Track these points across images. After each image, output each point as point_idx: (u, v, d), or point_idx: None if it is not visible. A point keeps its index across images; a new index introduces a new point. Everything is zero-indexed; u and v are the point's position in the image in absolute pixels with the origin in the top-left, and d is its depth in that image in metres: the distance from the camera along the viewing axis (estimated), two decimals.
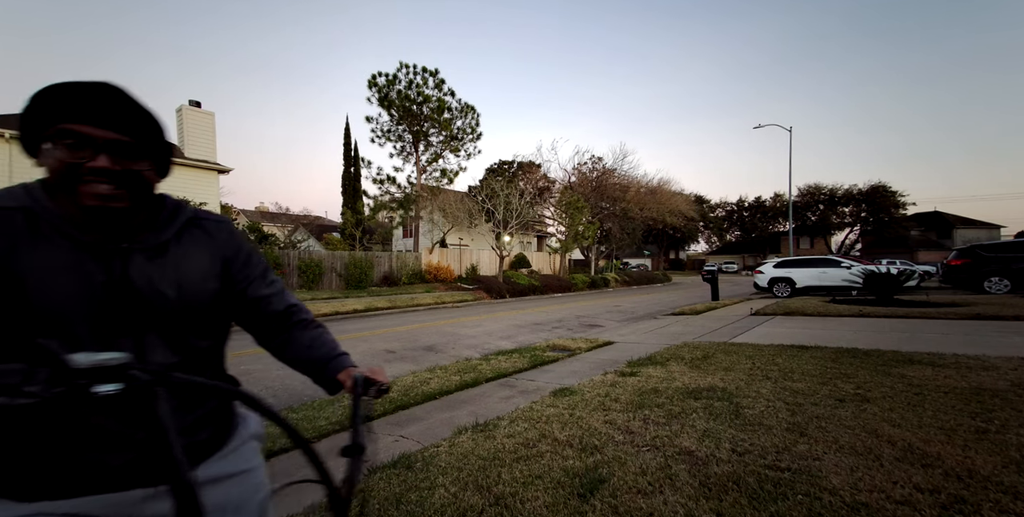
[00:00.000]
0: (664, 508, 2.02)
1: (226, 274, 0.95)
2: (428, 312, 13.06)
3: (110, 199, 0.76)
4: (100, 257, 0.78)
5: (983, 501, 2.00)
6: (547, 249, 30.99)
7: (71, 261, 0.76)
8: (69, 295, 0.74)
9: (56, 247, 0.76)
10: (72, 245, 0.77)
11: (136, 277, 0.81)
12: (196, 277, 0.89)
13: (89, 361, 0.48)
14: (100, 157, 0.75)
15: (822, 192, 52.65)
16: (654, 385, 4.08)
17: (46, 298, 0.72)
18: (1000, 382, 3.85)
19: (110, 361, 0.50)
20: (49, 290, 0.73)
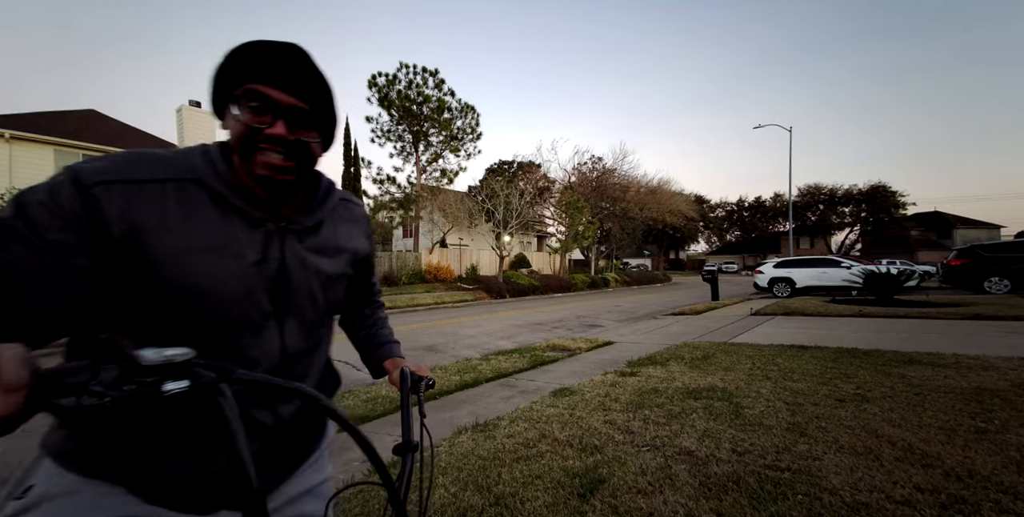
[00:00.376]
0: (664, 508, 2.02)
1: (358, 261, 0.93)
2: (428, 312, 13.06)
3: (279, 170, 0.72)
4: (264, 236, 0.74)
5: (983, 501, 2.00)
6: (547, 249, 30.99)
7: (238, 238, 0.72)
8: (231, 274, 0.70)
9: (226, 223, 0.71)
10: (242, 221, 0.72)
11: (290, 259, 0.77)
12: (340, 263, 0.87)
13: (158, 358, 0.45)
14: (278, 123, 0.71)
15: (822, 192, 52.66)
16: (654, 385, 4.08)
17: (208, 275, 0.68)
18: (1000, 382, 3.85)
19: (177, 357, 0.47)
20: (213, 267, 0.68)
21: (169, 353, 0.46)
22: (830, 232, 53.30)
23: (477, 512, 2.05)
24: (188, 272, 0.66)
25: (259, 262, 0.73)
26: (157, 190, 0.67)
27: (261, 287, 0.73)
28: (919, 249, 46.58)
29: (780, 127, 24.27)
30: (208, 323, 0.69)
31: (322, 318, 0.85)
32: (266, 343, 0.75)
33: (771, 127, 26.93)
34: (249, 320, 0.72)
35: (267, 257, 0.74)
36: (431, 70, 21.49)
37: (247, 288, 0.71)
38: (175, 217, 0.67)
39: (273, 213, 0.76)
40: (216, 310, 0.69)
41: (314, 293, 0.81)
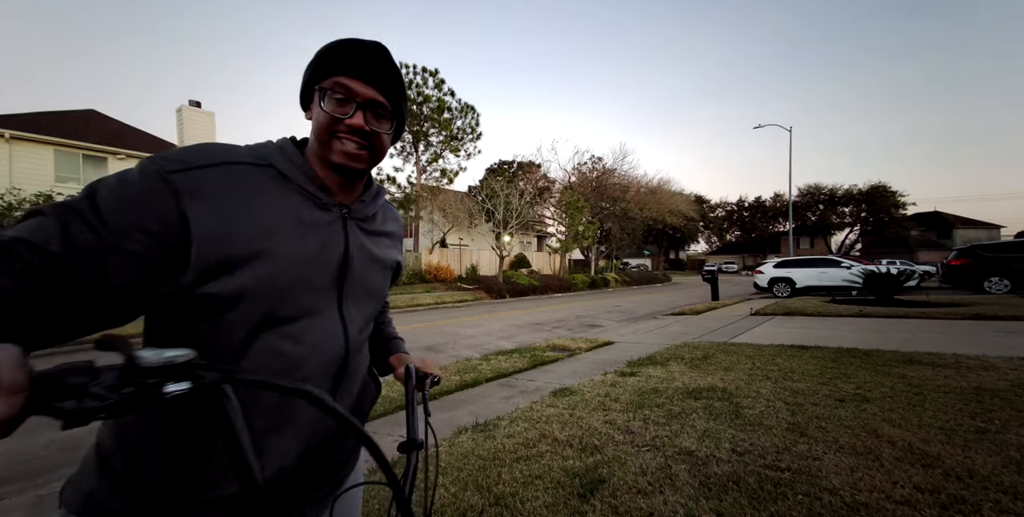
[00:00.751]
0: (664, 508, 2.02)
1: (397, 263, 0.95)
2: (428, 312, 13.06)
3: (354, 158, 0.76)
4: (331, 220, 0.77)
5: (983, 501, 2.00)
6: (547, 249, 31.00)
7: (306, 220, 0.73)
8: (297, 254, 0.71)
9: (296, 205, 0.73)
10: (312, 205, 0.75)
11: (353, 245, 0.79)
12: (392, 254, 0.90)
13: (158, 359, 0.44)
14: (357, 114, 0.75)
15: (822, 192, 52.68)
16: (654, 385, 4.08)
17: (275, 252, 0.68)
18: (1000, 382, 3.85)
19: (177, 358, 0.46)
20: (281, 244, 0.69)
21: (169, 354, 0.45)
22: (830, 232, 53.31)
23: (477, 512, 2.05)
24: (257, 248, 0.66)
25: (325, 245, 0.75)
26: (232, 171, 0.69)
27: (325, 270, 0.74)
28: (919, 249, 46.58)
29: (780, 127, 24.28)
30: (269, 304, 0.68)
31: (375, 311, 0.87)
32: (328, 330, 0.75)
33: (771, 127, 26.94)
34: (311, 303, 0.73)
35: (332, 240, 0.76)
36: (431, 70, 21.50)
37: (312, 269, 0.72)
38: (248, 195, 0.68)
39: (338, 201, 0.79)
40: (279, 290, 0.68)
41: (373, 281, 0.84)
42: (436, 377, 0.97)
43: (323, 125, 0.74)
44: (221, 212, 0.65)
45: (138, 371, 0.44)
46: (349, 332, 0.78)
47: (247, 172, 0.70)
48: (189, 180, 0.64)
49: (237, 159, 0.70)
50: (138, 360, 0.43)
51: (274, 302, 0.68)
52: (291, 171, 0.74)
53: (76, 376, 0.42)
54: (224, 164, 0.68)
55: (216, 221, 0.64)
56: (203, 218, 0.63)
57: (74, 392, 0.41)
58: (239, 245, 0.65)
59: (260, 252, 0.66)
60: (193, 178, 0.65)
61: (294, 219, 0.72)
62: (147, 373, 0.44)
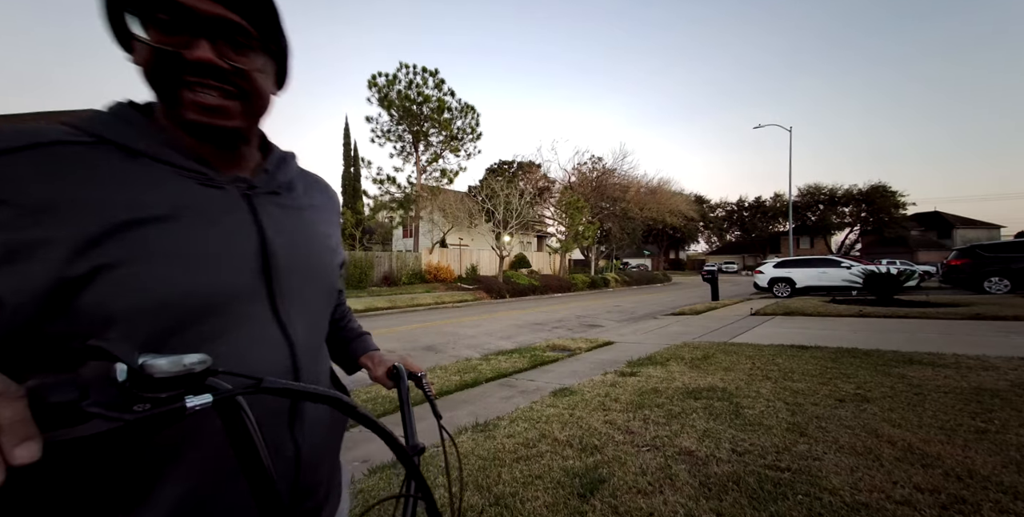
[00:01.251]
0: (664, 508, 2.02)
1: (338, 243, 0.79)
2: (428, 312, 13.06)
3: (216, 113, 0.55)
4: (225, 199, 0.58)
5: (983, 501, 2.00)
6: (547, 249, 31.00)
7: (201, 206, 0.55)
8: (205, 256, 0.53)
9: (165, 185, 0.53)
10: (186, 183, 0.55)
11: (269, 225, 0.61)
12: (329, 237, 0.73)
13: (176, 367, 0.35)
14: (199, 44, 0.52)
15: (822, 192, 52.67)
16: (654, 385, 4.08)
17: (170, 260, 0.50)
18: (1000, 382, 3.85)
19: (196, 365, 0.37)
20: (176, 247, 0.51)
21: (189, 361, 0.37)
22: (830, 232, 53.31)
23: (477, 512, 2.05)
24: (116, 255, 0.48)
25: (228, 233, 0.56)
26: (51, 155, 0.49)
27: (239, 266, 0.56)
28: (919, 249, 46.58)
29: (780, 127, 24.28)
30: (163, 324, 0.50)
31: (328, 304, 0.71)
32: (262, 339, 0.57)
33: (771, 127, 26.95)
34: (231, 310, 0.54)
35: (238, 226, 0.58)
36: (431, 70, 21.50)
37: (217, 268, 0.54)
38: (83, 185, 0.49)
39: (228, 174, 0.60)
40: (169, 305, 0.50)
41: (313, 268, 0.67)
42: (423, 374, 0.88)
43: (156, 68, 0.52)
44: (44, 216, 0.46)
45: (149, 383, 0.35)
46: (293, 337, 0.60)
47: (76, 154, 0.50)
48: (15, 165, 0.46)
49: (54, 137, 0.50)
50: (150, 369, 0.35)
51: (170, 321, 0.50)
52: (142, 143, 0.54)
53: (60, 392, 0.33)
54: (36, 146, 0.48)
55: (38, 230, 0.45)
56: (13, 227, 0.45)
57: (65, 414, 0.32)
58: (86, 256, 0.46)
59: (119, 261, 0.47)
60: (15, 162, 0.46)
61: (168, 205, 0.52)
62: (160, 385, 0.36)
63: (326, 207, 0.77)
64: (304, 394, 0.46)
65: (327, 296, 0.71)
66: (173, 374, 0.36)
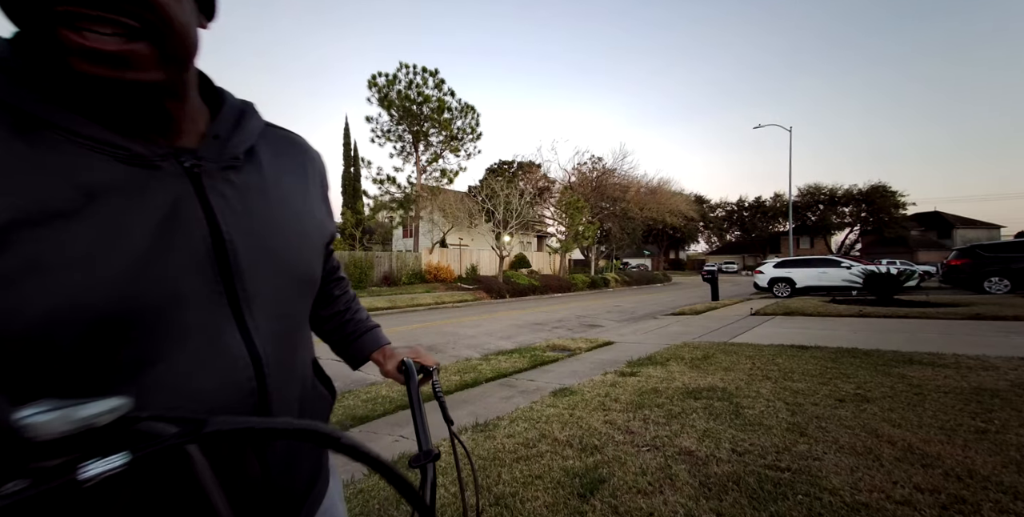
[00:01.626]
0: (664, 508, 2.02)
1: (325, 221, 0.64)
2: (428, 312, 13.06)
3: (120, 62, 0.40)
4: (160, 180, 0.45)
5: (983, 501, 2.00)
6: (547, 249, 31.00)
7: (122, 189, 0.42)
8: (130, 256, 0.41)
9: (80, 167, 0.40)
10: (117, 161, 0.42)
11: (221, 211, 0.48)
12: (307, 211, 0.60)
13: (69, 421, 0.26)
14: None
15: (822, 192, 52.68)
16: (654, 385, 4.08)
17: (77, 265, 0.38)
18: (1000, 382, 3.85)
19: (104, 414, 0.28)
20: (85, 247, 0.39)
21: (88, 412, 0.27)
22: (830, 232, 53.33)
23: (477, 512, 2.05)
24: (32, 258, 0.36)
25: (165, 223, 0.44)
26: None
27: (185, 265, 0.45)
28: (919, 249, 46.59)
29: (780, 127, 24.29)
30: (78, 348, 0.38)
31: (308, 300, 0.60)
32: (219, 353, 0.46)
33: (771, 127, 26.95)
34: (177, 321, 0.44)
35: (179, 214, 0.45)
36: (431, 70, 21.51)
37: (161, 270, 0.43)
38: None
39: (163, 145, 0.46)
40: (85, 322, 0.38)
41: (287, 260, 0.54)
42: (436, 367, 0.82)
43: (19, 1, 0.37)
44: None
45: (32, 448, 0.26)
46: (259, 346, 0.50)
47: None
48: None
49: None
50: (24, 430, 0.25)
51: (88, 349, 0.39)
52: (36, 105, 0.39)
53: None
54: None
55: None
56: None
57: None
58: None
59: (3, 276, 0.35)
60: None
61: (76, 193, 0.39)
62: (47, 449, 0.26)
63: (303, 173, 0.62)
64: (270, 432, 0.36)
65: (307, 290, 0.59)
66: (64, 433, 0.26)
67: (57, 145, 0.40)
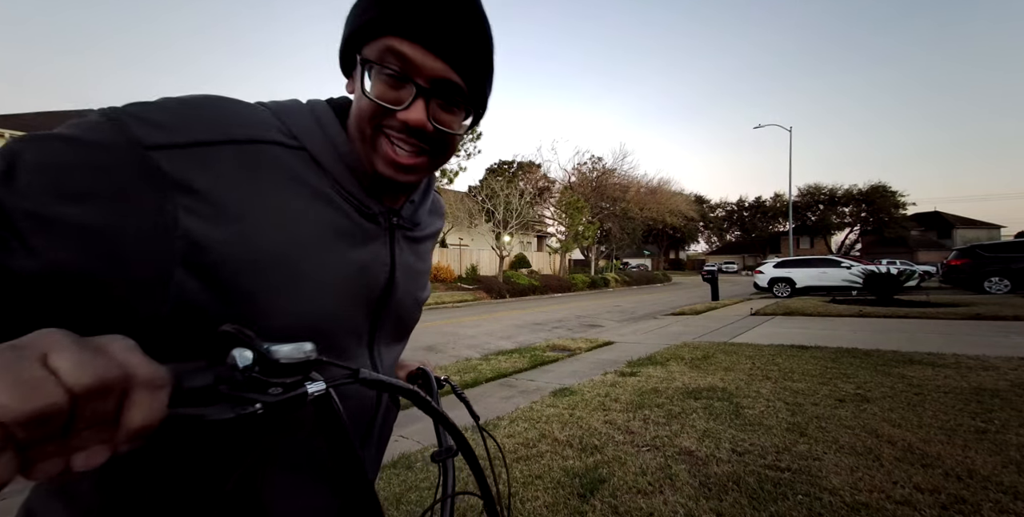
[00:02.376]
0: (664, 508, 2.02)
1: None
2: (428, 312, 13.06)
3: (406, 170, 0.52)
4: (375, 233, 0.56)
5: (983, 501, 2.00)
6: (547, 249, 31.00)
7: (347, 233, 0.52)
8: (341, 288, 0.52)
9: (335, 211, 0.51)
10: (353, 211, 0.53)
11: (400, 266, 0.59)
12: (429, 266, 0.71)
13: (299, 354, 0.36)
14: (417, 104, 0.49)
15: (822, 192, 52.70)
16: (654, 385, 4.08)
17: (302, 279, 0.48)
18: (1000, 382, 3.85)
19: (313, 354, 0.37)
20: (324, 276, 0.50)
21: (307, 348, 0.37)
22: (830, 232, 53.34)
23: (477, 512, 2.05)
24: (278, 277, 0.46)
25: (366, 268, 0.55)
26: (250, 153, 0.46)
27: (360, 301, 0.55)
28: (919, 249, 46.60)
29: (780, 127, 24.29)
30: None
31: (407, 334, 0.70)
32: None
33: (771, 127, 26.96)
34: (335, 346, 0.53)
35: (375, 260, 0.56)
36: None
37: (344, 301, 0.52)
38: (271, 195, 0.46)
39: (385, 205, 0.57)
40: (299, 329, 0.48)
41: (413, 304, 0.66)
42: (446, 378, 0.91)
43: (365, 114, 0.50)
44: (231, 222, 0.43)
45: (276, 368, 0.35)
46: (380, 369, 0.60)
47: (274, 156, 0.47)
48: (184, 162, 0.42)
49: (258, 136, 0.47)
50: (276, 354, 0.35)
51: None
52: (329, 160, 0.51)
53: (195, 377, 0.34)
54: (237, 142, 0.45)
55: (222, 236, 0.43)
56: (202, 230, 0.42)
57: (202, 397, 0.33)
58: (253, 271, 0.44)
59: (280, 284, 0.46)
60: (191, 160, 0.42)
61: (331, 232, 0.51)
62: (283, 371, 0.36)
63: (435, 233, 0.71)
64: (393, 387, 0.47)
65: (412, 328, 0.70)
66: (296, 360, 0.36)
67: (324, 191, 0.51)
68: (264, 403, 0.34)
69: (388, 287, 0.57)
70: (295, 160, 0.49)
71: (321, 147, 0.51)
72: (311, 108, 0.53)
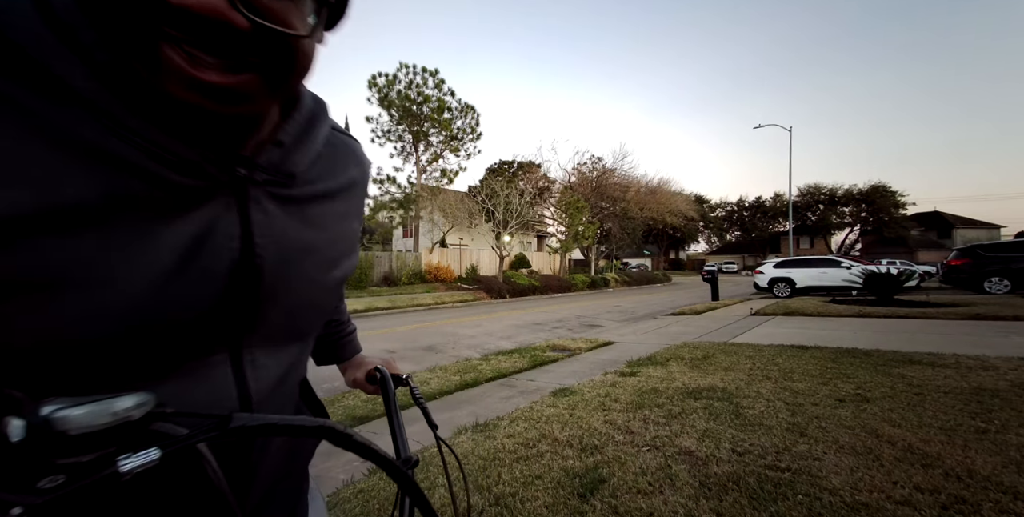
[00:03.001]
0: (664, 508, 2.02)
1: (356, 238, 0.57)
2: (428, 312, 13.06)
3: (221, 96, 0.33)
4: (203, 193, 0.38)
5: (983, 501, 2.00)
6: (547, 249, 30.99)
7: (140, 197, 0.35)
8: (146, 283, 0.35)
9: (111, 165, 0.33)
10: (164, 166, 0.35)
11: (261, 237, 0.42)
12: (347, 237, 0.53)
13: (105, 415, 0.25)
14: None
15: (822, 192, 52.70)
16: (654, 385, 4.08)
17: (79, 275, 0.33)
18: (1000, 382, 3.84)
19: (133, 410, 0.27)
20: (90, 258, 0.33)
21: (122, 405, 0.26)
22: (830, 232, 53.35)
23: (477, 512, 2.05)
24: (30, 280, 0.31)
25: (195, 246, 0.38)
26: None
27: (202, 294, 0.39)
28: (919, 249, 46.59)
29: (780, 127, 24.29)
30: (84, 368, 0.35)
31: (320, 325, 0.54)
32: (204, 397, 0.41)
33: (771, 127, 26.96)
34: (180, 360, 0.39)
35: (214, 234, 0.39)
36: (431, 70, 21.52)
37: (172, 299, 0.37)
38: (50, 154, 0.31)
39: (218, 148, 0.38)
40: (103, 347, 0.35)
41: (311, 288, 0.48)
42: (409, 376, 0.78)
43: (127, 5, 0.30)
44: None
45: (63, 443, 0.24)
46: (252, 390, 0.45)
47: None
48: None
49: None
50: (62, 423, 0.24)
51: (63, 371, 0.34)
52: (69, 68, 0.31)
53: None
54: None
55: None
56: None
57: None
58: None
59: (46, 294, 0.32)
60: None
61: (110, 203, 0.33)
62: (78, 445, 0.25)
63: (355, 186, 0.54)
64: (290, 429, 0.35)
65: (320, 321, 0.53)
66: (99, 427, 0.25)
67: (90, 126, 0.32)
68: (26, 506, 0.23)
69: (247, 270, 0.41)
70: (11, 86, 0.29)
71: (42, 40, 0.30)
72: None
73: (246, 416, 0.33)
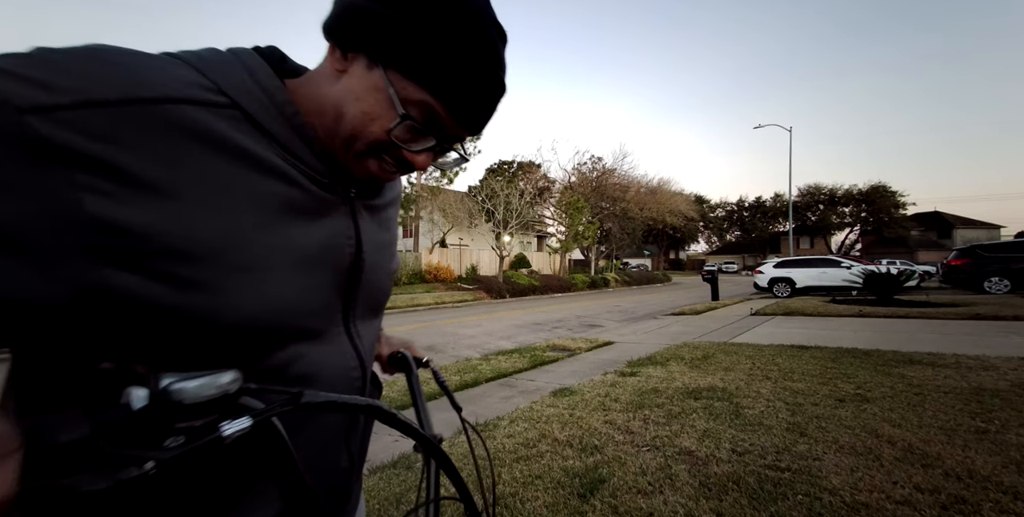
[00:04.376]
0: (664, 508, 2.02)
1: None
2: (428, 312, 13.06)
3: (382, 181, 0.55)
4: (335, 206, 0.52)
5: (983, 501, 2.00)
6: (547, 249, 31.00)
7: (311, 209, 0.48)
8: (300, 267, 0.47)
9: (284, 181, 0.46)
10: (306, 182, 0.48)
11: (367, 240, 0.56)
12: (396, 235, 0.68)
13: (209, 389, 0.30)
14: (424, 155, 0.50)
15: (822, 192, 52.71)
16: (654, 385, 4.08)
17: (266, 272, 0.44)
18: (1000, 382, 3.85)
19: (231, 385, 0.31)
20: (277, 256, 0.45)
21: (223, 380, 0.31)
22: (830, 232, 53.35)
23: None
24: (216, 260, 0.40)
25: (327, 243, 0.50)
26: (164, 115, 0.37)
27: (326, 280, 0.51)
28: (919, 249, 46.59)
29: (780, 127, 24.30)
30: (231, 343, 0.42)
31: (382, 307, 0.67)
32: (333, 361, 0.53)
33: (771, 127, 26.97)
34: (307, 327, 0.49)
35: (337, 234, 0.52)
36: None
37: (307, 281, 0.48)
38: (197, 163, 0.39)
39: (341, 175, 0.52)
40: (248, 320, 0.42)
41: (385, 277, 0.63)
42: (429, 359, 0.82)
43: (366, 136, 0.47)
44: (151, 202, 0.36)
45: (180, 410, 0.29)
46: (363, 355, 0.57)
47: (198, 118, 0.39)
48: (74, 128, 0.33)
49: (174, 93, 0.38)
50: (178, 395, 0.28)
51: (239, 338, 0.43)
52: (271, 120, 0.44)
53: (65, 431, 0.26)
54: (145, 101, 0.36)
55: (137, 214, 0.36)
56: (114, 214, 0.35)
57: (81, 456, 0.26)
58: (193, 259, 0.39)
59: (231, 272, 0.41)
60: (84, 124, 0.34)
61: (284, 208, 0.45)
62: (192, 412, 0.29)
63: (396, 198, 0.67)
64: (346, 406, 0.41)
65: (386, 299, 0.66)
66: (206, 398, 0.30)
67: (266, 156, 0.44)
68: (158, 460, 0.27)
69: (356, 262, 0.54)
70: (226, 122, 0.41)
71: (259, 105, 0.43)
72: (236, 57, 0.45)
73: (312, 393, 0.38)
